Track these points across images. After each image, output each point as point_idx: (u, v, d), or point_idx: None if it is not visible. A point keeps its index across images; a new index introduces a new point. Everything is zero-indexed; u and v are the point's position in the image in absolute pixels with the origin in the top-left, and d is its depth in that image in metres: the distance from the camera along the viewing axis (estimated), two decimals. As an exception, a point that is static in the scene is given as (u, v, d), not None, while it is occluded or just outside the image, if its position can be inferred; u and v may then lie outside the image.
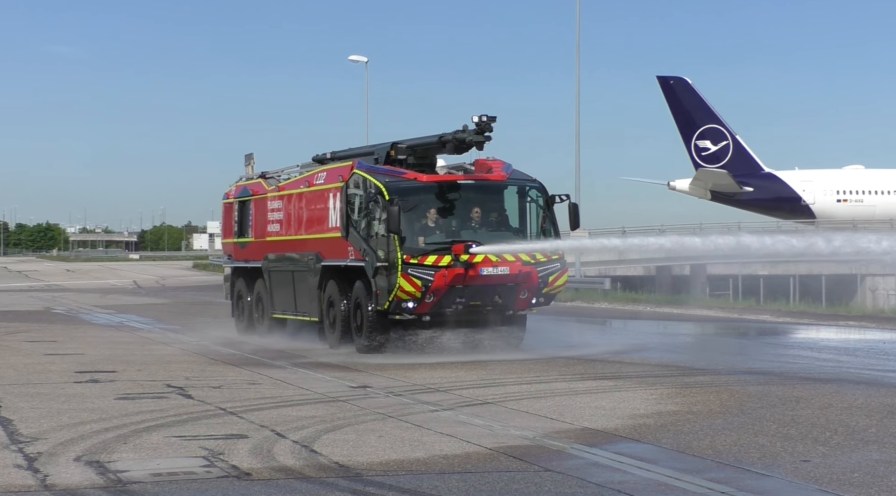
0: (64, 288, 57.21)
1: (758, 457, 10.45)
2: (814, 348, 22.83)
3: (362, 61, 61.76)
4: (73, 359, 19.93)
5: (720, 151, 60.81)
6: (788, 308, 35.86)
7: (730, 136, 60.51)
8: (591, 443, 11.28)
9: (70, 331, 27.08)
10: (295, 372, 18.03)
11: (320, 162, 23.92)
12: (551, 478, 9.55)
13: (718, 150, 60.61)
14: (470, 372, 17.87)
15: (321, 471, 9.85)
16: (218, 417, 12.99)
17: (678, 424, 12.43)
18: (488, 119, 19.94)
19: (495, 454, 10.64)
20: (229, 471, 9.85)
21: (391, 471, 9.87)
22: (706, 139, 61.80)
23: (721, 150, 60.75)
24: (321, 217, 22.04)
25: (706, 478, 9.50)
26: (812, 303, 36.48)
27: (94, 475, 9.72)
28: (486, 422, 12.52)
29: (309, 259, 22.48)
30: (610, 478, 9.59)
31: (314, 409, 13.66)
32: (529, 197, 20.85)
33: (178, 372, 17.87)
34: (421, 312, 19.86)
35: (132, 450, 10.90)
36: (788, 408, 13.60)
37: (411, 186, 20.18)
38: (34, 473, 9.81)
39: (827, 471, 9.83)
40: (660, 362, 19.42)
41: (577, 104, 44.97)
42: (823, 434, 11.69)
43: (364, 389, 15.69)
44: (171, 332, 26.87)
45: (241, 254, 26.26)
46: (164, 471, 9.85)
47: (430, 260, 19.54)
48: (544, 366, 18.53)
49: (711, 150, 60.64)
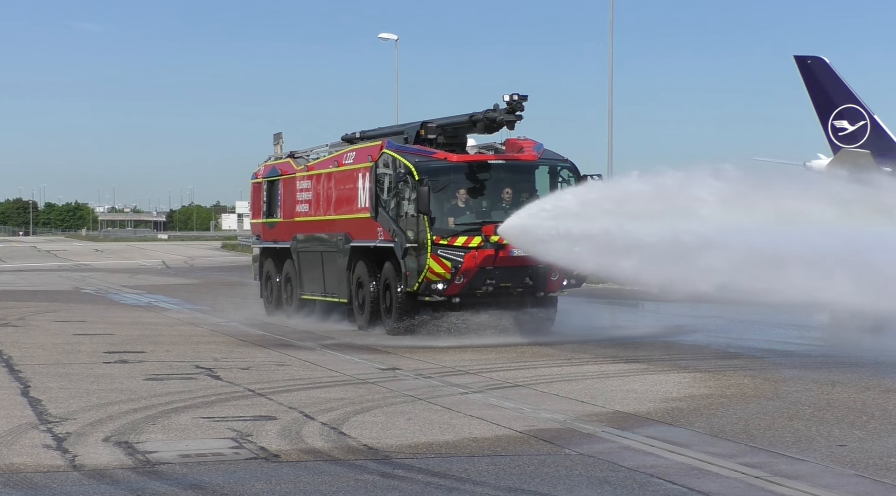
0: (93, 268, 57.58)
1: (792, 442, 10.41)
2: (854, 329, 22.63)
3: (392, 39, 61.63)
4: (102, 340, 20.07)
5: (857, 131, 60.39)
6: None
7: (867, 116, 60.18)
8: (622, 426, 11.26)
9: (99, 312, 27.27)
10: (324, 353, 18.09)
11: (349, 141, 23.94)
12: (582, 462, 9.55)
13: (856, 130, 60.18)
14: (500, 354, 17.87)
15: (350, 454, 9.89)
16: (246, 399, 13.06)
17: (711, 408, 12.39)
18: (520, 98, 19.90)
19: (525, 437, 10.65)
20: (258, 453, 9.91)
21: (420, 453, 9.90)
22: (843, 119, 61.44)
23: (858, 130, 60.31)
24: (350, 197, 22.06)
25: (739, 462, 9.47)
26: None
27: (123, 455, 9.80)
28: (516, 405, 12.52)
29: (338, 239, 22.52)
30: (642, 461, 9.58)
31: (343, 391, 13.70)
32: (561, 177, 20.77)
33: (206, 353, 17.97)
34: (451, 294, 19.85)
35: (161, 430, 10.98)
36: (824, 391, 13.52)
37: (441, 166, 20.16)
38: (63, 453, 9.90)
39: (863, 455, 9.77)
40: (693, 344, 19.35)
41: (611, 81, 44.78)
42: (860, 418, 11.62)
43: (393, 371, 15.73)
44: (200, 313, 27.00)
45: (269, 235, 26.34)
46: (193, 453, 9.92)
47: (460, 241, 19.53)
48: (575, 349, 18.50)
49: (849, 130, 60.22)
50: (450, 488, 8.64)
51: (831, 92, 61.69)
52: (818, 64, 62.17)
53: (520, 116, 20.10)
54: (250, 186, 27.86)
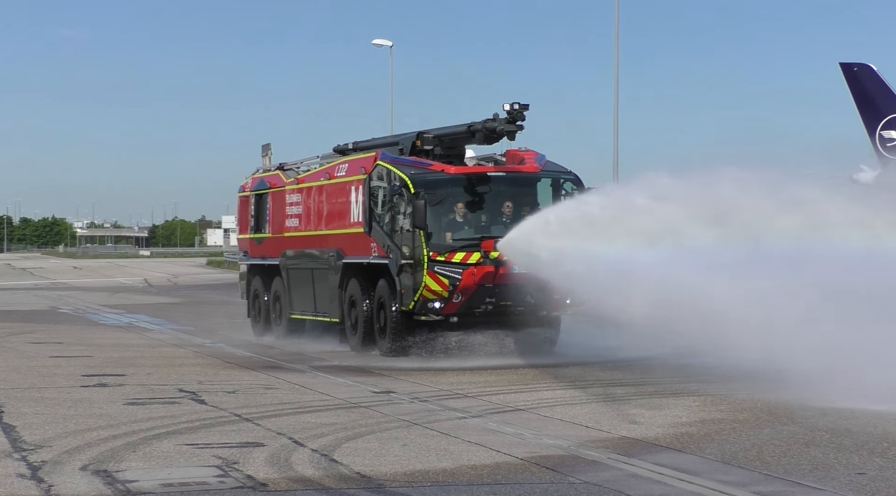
0: (70, 286, 57.54)
1: (809, 470, 10.37)
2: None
3: (387, 45, 61.76)
4: (80, 362, 20.03)
5: None
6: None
7: None
8: (629, 453, 11.23)
9: (77, 332, 27.22)
10: (314, 376, 18.06)
11: (342, 153, 23.96)
12: (587, 491, 9.52)
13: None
14: (500, 376, 17.84)
15: (342, 482, 9.85)
16: (233, 424, 13.02)
17: (723, 433, 12.36)
18: (520, 107, 19.91)
19: (527, 464, 10.61)
20: (244, 482, 9.86)
21: (416, 481, 9.86)
22: (892, 129, 61.41)
23: None
24: (342, 211, 22.06)
25: (753, 491, 9.44)
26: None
27: (102, 485, 9.76)
28: (517, 430, 12.49)
29: (329, 256, 22.51)
30: (650, 490, 9.54)
31: (335, 416, 13.67)
32: (564, 190, 20.78)
33: (190, 375, 17.93)
34: (448, 313, 19.83)
35: (142, 458, 10.94)
36: (842, 416, 13.49)
37: (438, 179, 20.17)
38: (38, 483, 9.85)
39: (884, 484, 9.74)
40: (704, 366, 19.30)
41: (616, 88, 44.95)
42: (880, 445, 11.59)
43: (388, 395, 15.69)
44: (184, 334, 26.97)
45: (257, 251, 26.33)
46: (176, 482, 9.87)
47: (459, 257, 19.52)
48: (580, 371, 18.47)
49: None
50: (447, 519, 8.60)
51: (879, 100, 61.64)
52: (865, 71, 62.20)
53: (521, 126, 20.11)
54: (237, 200, 27.88)
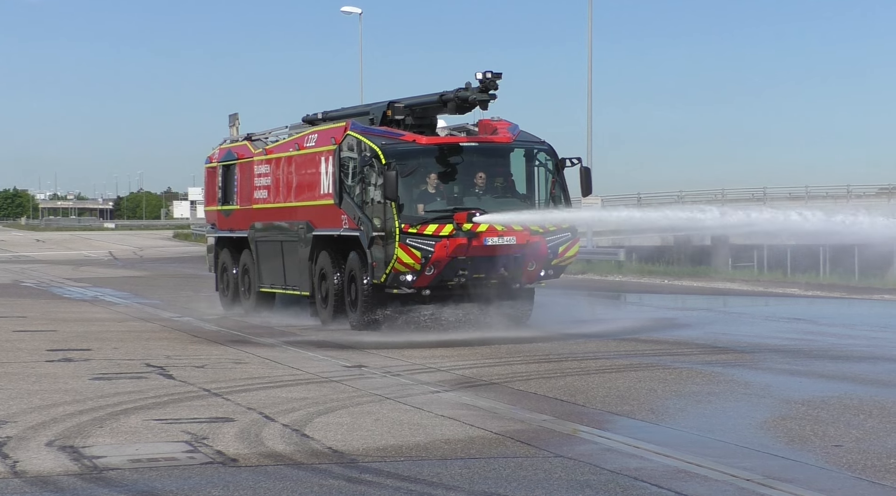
0: (34, 259, 57.20)
1: (786, 442, 10.46)
2: (846, 324, 22.84)
3: (356, 13, 61.48)
4: (45, 337, 19.94)
5: None
6: (818, 280, 35.85)
7: None
8: (604, 426, 11.29)
9: (41, 307, 27.09)
10: (284, 350, 18.05)
11: (311, 123, 23.87)
12: (562, 465, 9.56)
13: None
14: (473, 350, 17.88)
15: (313, 457, 9.86)
16: (202, 399, 13.01)
17: (699, 406, 12.44)
18: (493, 76, 19.83)
19: (501, 438, 10.65)
20: (214, 457, 9.86)
21: (388, 456, 9.88)
22: None
23: None
24: (312, 183, 22.01)
25: (730, 464, 9.51)
26: (844, 275, 36.43)
27: (68, 461, 9.73)
28: (491, 404, 12.53)
29: (299, 228, 22.46)
30: (626, 464, 9.59)
31: (305, 390, 13.67)
32: (538, 160, 20.80)
33: (157, 350, 17.89)
34: (420, 286, 19.85)
35: (109, 434, 10.91)
36: (818, 388, 13.60)
37: (410, 149, 20.13)
38: (3, 459, 9.81)
39: (861, 456, 9.83)
40: (678, 340, 19.43)
41: (590, 62, 45.12)
42: (857, 416, 11.69)
43: (359, 369, 15.70)
44: (151, 308, 26.88)
45: (225, 223, 26.24)
46: (144, 457, 9.86)
47: (431, 229, 19.51)
48: (554, 344, 18.53)
49: None
50: (420, 493, 8.63)
51: None
52: None
53: (493, 95, 20.04)
54: (204, 171, 27.75)
